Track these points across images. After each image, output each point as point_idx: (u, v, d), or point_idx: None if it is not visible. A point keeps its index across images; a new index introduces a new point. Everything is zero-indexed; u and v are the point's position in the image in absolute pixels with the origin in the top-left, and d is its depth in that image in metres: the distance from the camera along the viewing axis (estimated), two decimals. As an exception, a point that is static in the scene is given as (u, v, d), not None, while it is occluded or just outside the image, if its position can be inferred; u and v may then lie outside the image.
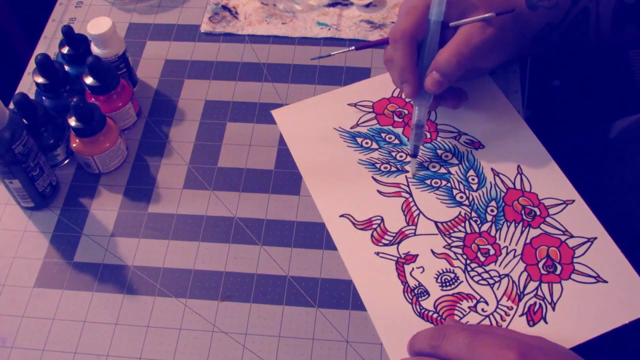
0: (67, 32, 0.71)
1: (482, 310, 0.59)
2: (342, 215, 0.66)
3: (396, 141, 0.70)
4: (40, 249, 0.66)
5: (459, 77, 0.64)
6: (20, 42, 1.33)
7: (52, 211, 0.69)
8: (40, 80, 0.68)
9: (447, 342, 0.51)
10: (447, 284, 0.61)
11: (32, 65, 0.78)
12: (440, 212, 0.65)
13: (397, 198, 0.66)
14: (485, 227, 0.64)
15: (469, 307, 0.60)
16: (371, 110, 0.73)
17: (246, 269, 0.64)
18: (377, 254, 0.63)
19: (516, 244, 0.63)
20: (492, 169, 0.67)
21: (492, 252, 0.62)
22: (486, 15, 0.62)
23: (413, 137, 0.66)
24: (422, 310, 0.60)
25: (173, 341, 0.60)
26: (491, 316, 0.59)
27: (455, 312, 0.60)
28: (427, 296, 0.61)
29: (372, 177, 0.68)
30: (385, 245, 0.64)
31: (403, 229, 0.64)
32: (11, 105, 0.67)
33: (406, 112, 0.72)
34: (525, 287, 0.60)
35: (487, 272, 0.61)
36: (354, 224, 0.65)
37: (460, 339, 0.50)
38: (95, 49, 0.72)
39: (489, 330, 0.54)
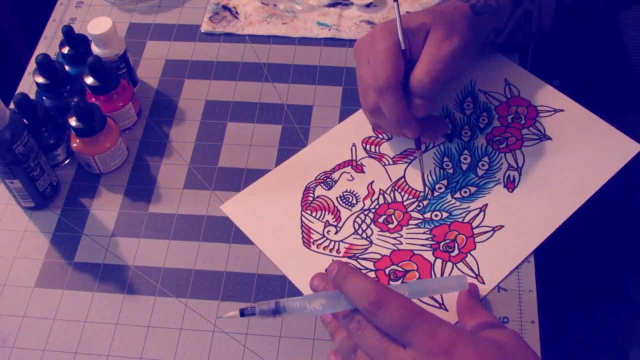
0: (68, 32, 0.71)
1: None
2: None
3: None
4: (40, 249, 0.66)
5: (437, 91, 0.63)
6: (20, 42, 1.33)
7: (52, 211, 0.69)
8: (40, 80, 0.68)
9: (383, 314, 0.47)
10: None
11: (32, 65, 0.78)
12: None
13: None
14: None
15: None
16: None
17: (246, 269, 0.64)
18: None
19: None
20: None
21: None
22: None
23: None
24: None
25: (174, 341, 0.60)
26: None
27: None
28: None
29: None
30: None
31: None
32: (12, 105, 0.67)
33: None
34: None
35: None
36: None
37: (397, 315, 0.47)
38: (95, 49, 0.72)
39: (428, 316, 0.49)
